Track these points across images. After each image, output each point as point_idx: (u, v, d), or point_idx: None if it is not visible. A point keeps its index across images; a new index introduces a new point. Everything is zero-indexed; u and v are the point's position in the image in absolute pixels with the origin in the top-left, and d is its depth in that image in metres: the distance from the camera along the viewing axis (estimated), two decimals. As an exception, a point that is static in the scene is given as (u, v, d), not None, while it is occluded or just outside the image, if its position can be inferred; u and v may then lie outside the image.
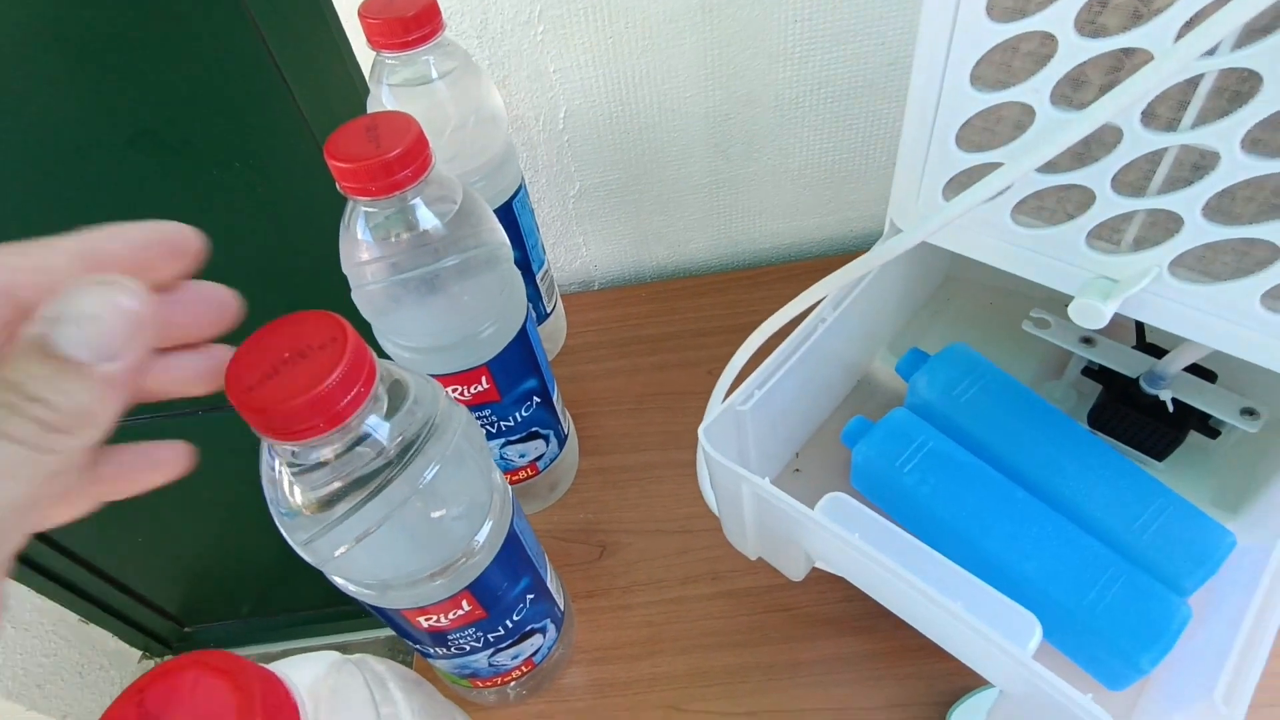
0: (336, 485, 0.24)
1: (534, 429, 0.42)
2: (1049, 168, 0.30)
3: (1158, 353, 0.37)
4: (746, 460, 0.37)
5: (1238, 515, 0.36)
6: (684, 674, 0.41)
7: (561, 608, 0.39)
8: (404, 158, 0.30)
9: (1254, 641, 0.26)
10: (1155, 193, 0.28)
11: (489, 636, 0.33)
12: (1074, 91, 0.28)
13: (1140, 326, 0.39)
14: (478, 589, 0.30)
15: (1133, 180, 0.28)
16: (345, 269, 0.33)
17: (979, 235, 0.34)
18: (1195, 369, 0.36)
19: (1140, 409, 0.36)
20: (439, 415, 0.26)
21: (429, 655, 0.34)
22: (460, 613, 0.30)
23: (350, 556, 0.25)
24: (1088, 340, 0.38)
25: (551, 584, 0.37)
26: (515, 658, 0.35)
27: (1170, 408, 0.35)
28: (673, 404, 0.52)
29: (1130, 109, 0.26)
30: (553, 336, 0.57)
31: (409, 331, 0.35)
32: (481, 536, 0.29)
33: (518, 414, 0.40)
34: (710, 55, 0.50)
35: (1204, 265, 0.28)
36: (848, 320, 0.38)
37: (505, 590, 0.31)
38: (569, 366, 0.57)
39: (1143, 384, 0.36)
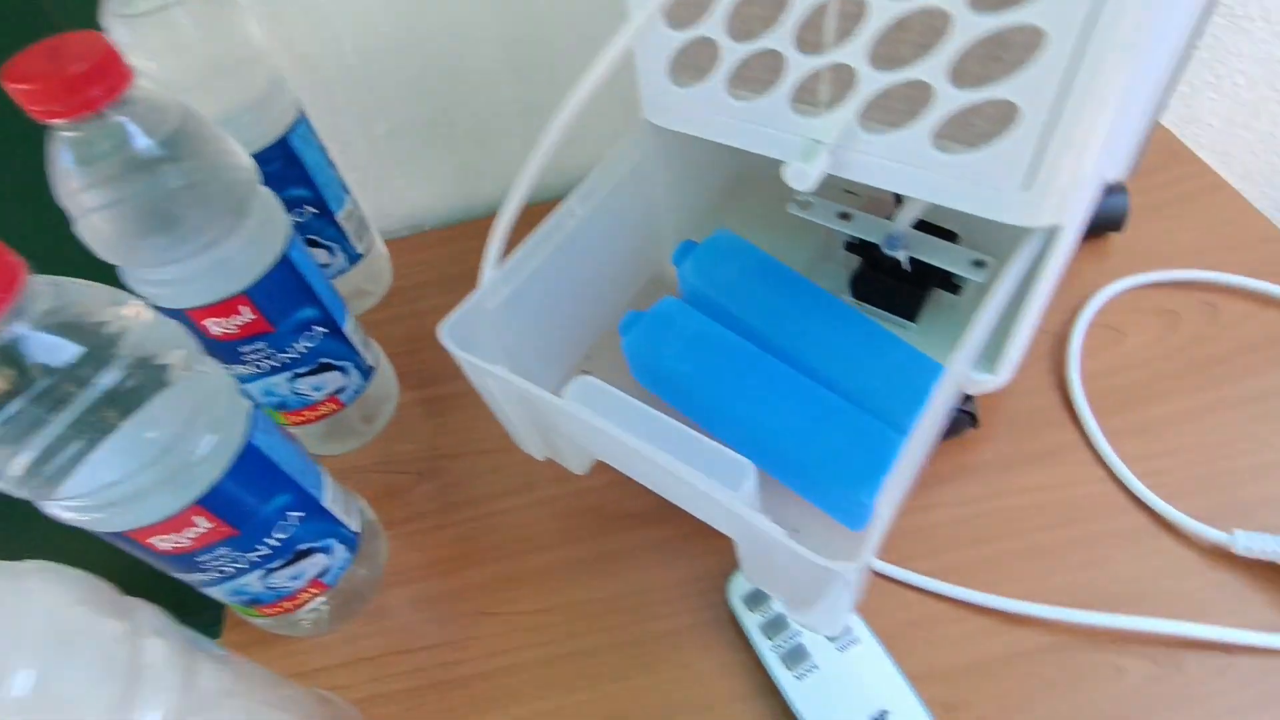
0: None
1: (324, 360, 0.42)
2: (744, 36, 0.31)
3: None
4: (519, 361, 0.38)
5: (991, 363, 0.38)
6: (494, 580, 0.42)
7: (354, 529, 0.39)
8: (91, 73, 0.29)
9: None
10: (830, 48, 0.29)
11: (250, 557, 0.33)
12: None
13: (898, 196, 0.41)
14: (213, 504, 0.30)
15: (813, 39, 0.29)
16: (61, 202, 0.32)
17: (707, 114, 0.34)
18: (936, 230, 0.38)
19: (886, 272, 0.38)
20: (119, 325, 0.26)
21: (203, 587, 0.34)
22: (198, 530, 0.30)
23: (40, 474, 0.25)
24: (844, 216, 0.40)
25: (334, 504, 0.37)
26: (296, 578, 0.36)
27: (907, 267, 0.37)
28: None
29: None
30: (375, 278, 0.56)
31: (148, 262, 0.34)
32: (202, 450, 0.29)
33: (299, 345, 0.40)
34: (489, -27, 0.49)
35: (885, 115, 0.30)
36: (607, 217, 0.38)
37: (253, 507, 0.32)
38: (396, 307, 0.57)
39: (883, 248, 0.37)
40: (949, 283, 0.38)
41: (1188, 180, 0.50)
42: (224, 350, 0.38)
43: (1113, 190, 0.46)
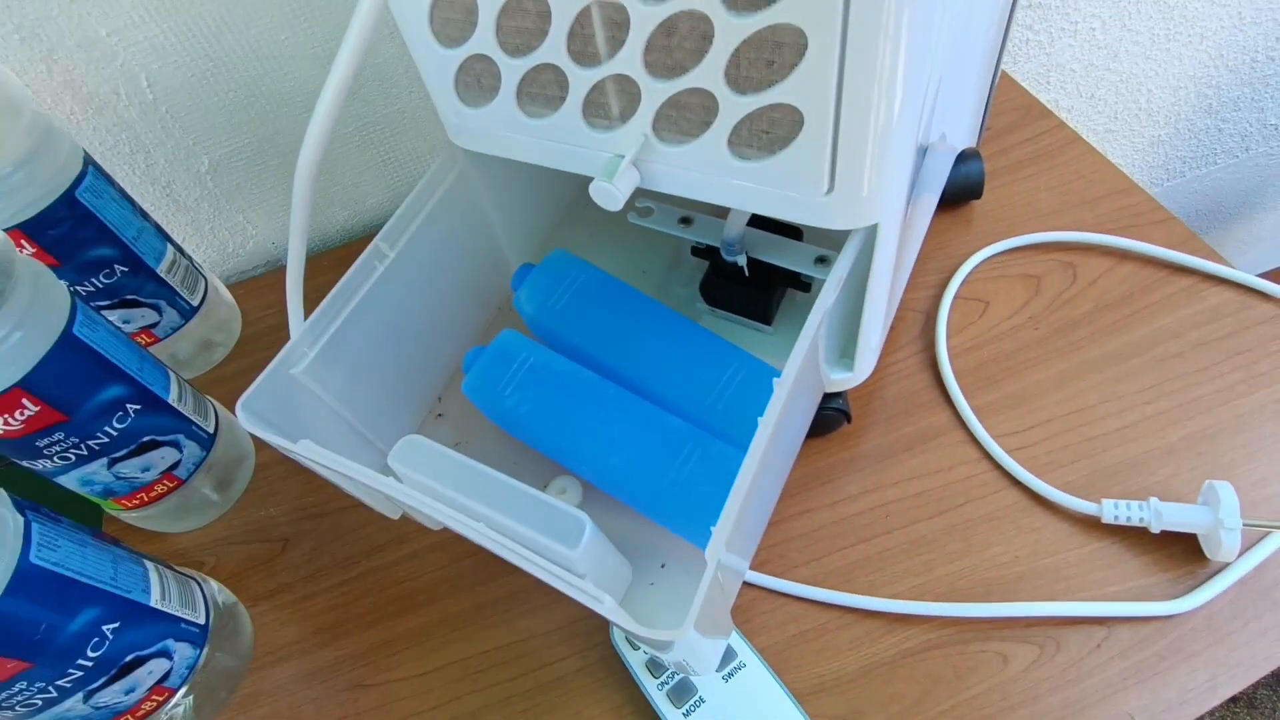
0: None
1: (146, 439, 0.38)
2: (521, 50, 0.28)
3: (756, 223, 0.37)
4: (361, 416, 0.35)
5: (849, 359, 0.37)
6: (371, 648, 0.39)
7: (199, 621, 0.36)
8: None
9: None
10: (605, 60, 0.26)
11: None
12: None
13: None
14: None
15: (589, 51, 0.27)
16: None
17: (505, 133, 0.32)
18: (780, 227, 0.36)
19: (731, 278, 0.36)
20: None
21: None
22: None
23: None
24: (686, 220, 0.38)
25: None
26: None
27: (746, 271, 0.35)
28: (354, 372, 0.49)
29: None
30: (220, 328, 0.52)
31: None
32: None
33: (109, 428, 0.36)
34: (286, -12, 0.45)
35: (679, 125, 0.27)
36: (428, 249, 0.35)
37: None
38: (249, 355, 0.52)
39: (723, 253, 0.35)
40: (799, 281, 0.36)
41: (1043, 137, 0.50)
42: (16, 447, 0.34)
43: (966, 157, 0.45)
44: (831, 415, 0.38)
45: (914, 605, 0.34)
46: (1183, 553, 0.34)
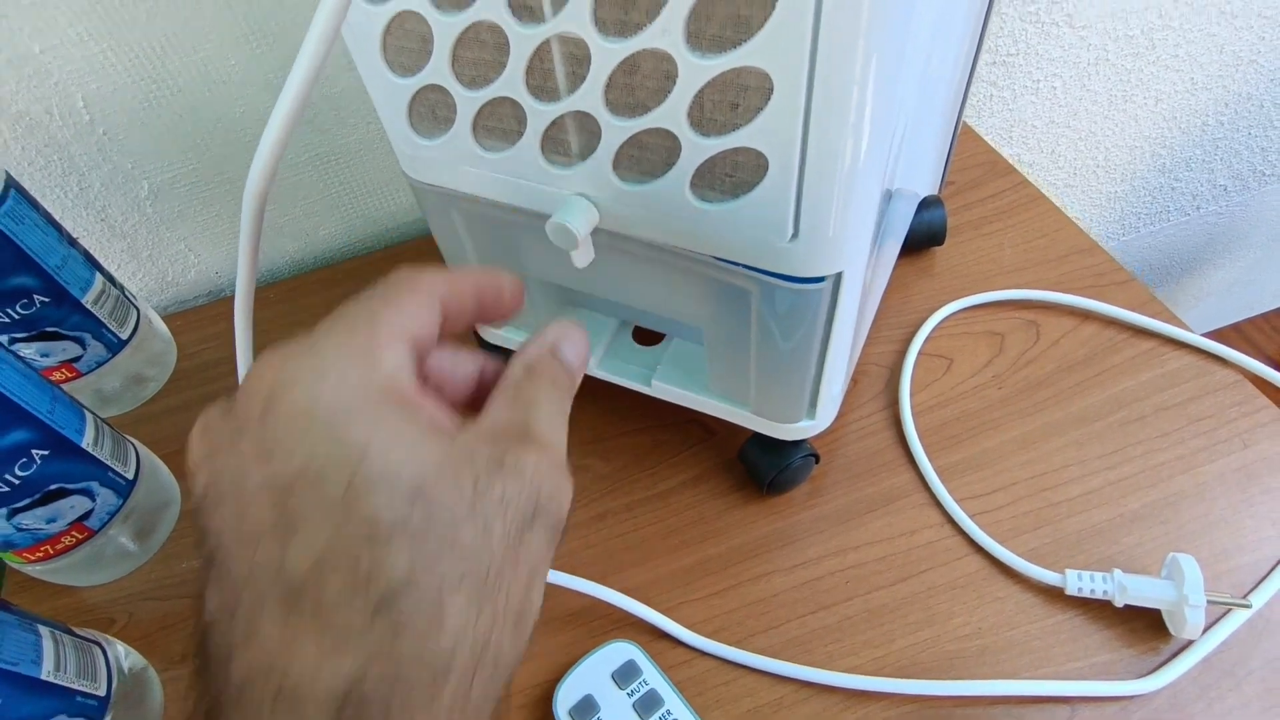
0: None
1: (54, 487, 0.35)
2: (478, 82, 0.27)
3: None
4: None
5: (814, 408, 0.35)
6: (290, 719, 0.36)
7: (98, 693, 0.32)
8: None
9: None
10: (565, 95, 0.25)
11: None
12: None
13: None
14: None
15: (548, 85, 0.26)
16: None
17: (460, 166, 0.30)
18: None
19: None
20: None
21: None
22: None
23: None
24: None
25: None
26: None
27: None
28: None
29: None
30: (154, 361, 0.49)
31: None
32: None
33: (8, 477, 0.33)
34: (238, 11, 0.43)
35: (640, 165, 0.26)
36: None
37: None
38: (183, 392, 0.49)
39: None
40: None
41: (1007, 194, 0.50)
42: (-100, 494, 0.31)
43: (929, 204, 0.45)
44: (801, 464, 0.37)
45: (873, 681, 0.32)
46: (1146, 627, 0.33)
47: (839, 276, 0.27)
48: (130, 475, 0.40)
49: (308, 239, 0.56)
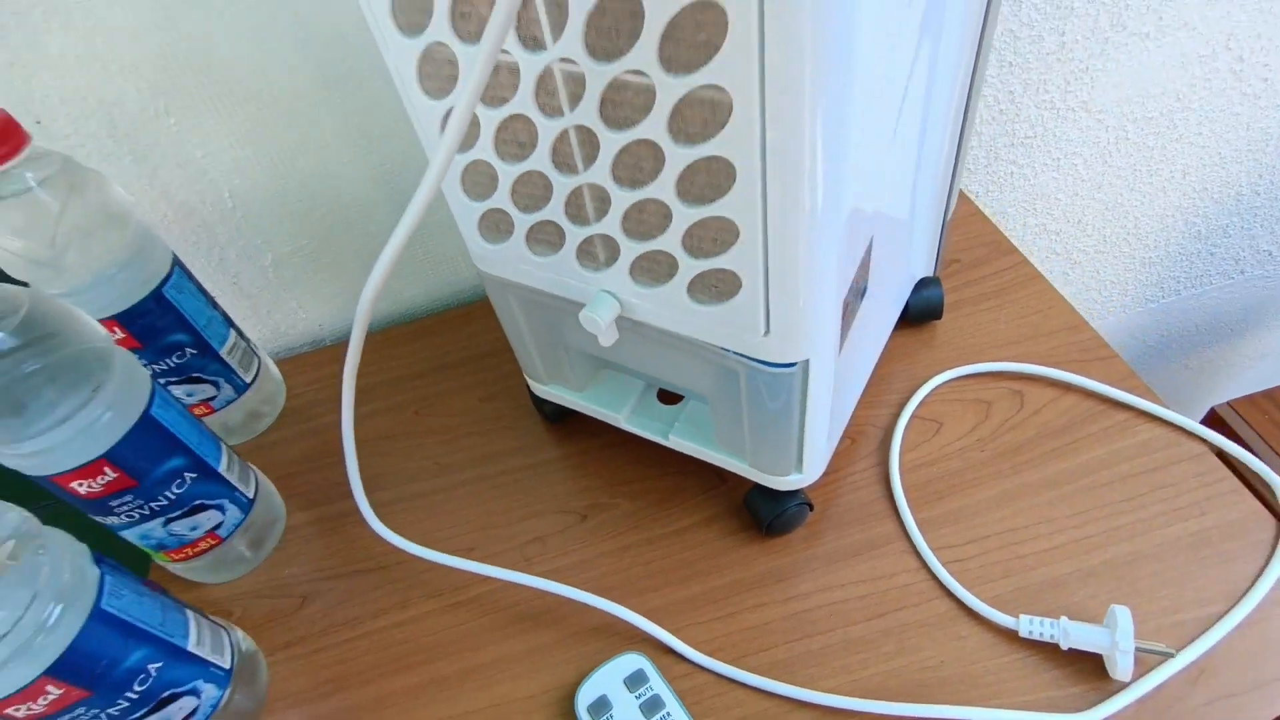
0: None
1: (197, 503, 0.45)
2: (530, 208, 0.35)
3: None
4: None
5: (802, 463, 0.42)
6: (367, 702, 0.44)
7: (225, 666, 0.41)
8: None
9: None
10: (592, 223, 0.33)
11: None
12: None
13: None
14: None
15: (580, 214, 0.34)
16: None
17: (518, 265, 0.38)
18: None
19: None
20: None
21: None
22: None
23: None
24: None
25: (199, 647, 0.39)
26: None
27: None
28: (376, 449, 0.55)
29: (544, 155, 0.31)
30: (268, 400, 0.59)
31: (4, 439, 0.37)
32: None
33: (168, 493, 0.43)
34: (351, 123, 0.53)
35: (650, 272, 0.34)
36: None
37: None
38: (291, 426, 0.59)
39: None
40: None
41: (1006, 272, 0.55)
42: (93, 505, 0.41)
43: (927, 283, 0.51)
44: (795, 510, 0.43)
45: (849, 701, 0.38)
46: (1089, 670, 0.37)
47: (807, 362, 0.34)
48: (251, 495, 0.49)
49: (395, 299, 0.66)
